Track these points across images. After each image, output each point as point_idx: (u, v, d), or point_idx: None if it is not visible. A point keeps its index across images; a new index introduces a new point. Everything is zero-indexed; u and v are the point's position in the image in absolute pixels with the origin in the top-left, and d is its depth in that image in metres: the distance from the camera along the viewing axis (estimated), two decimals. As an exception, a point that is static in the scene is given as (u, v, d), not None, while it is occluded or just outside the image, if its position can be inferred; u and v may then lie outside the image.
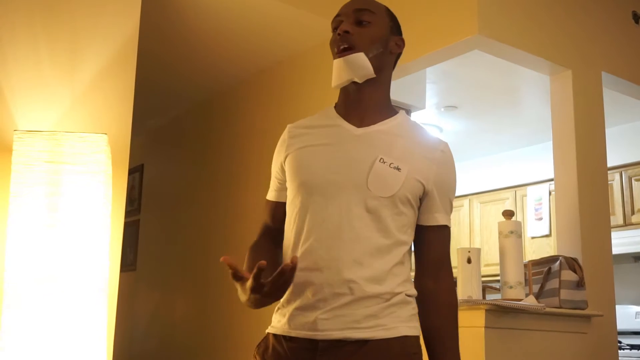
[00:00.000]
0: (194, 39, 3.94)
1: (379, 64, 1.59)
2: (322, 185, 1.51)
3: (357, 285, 1.44)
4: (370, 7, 1.61)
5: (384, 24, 1.62)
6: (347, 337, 1.42)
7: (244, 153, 4.47)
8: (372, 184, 1.49)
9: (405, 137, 1.58)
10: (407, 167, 1.51)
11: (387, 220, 1.48)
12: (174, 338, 5.04)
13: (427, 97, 4.47)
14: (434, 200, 1.55)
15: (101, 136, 2.10)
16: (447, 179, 1.58)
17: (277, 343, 1.51)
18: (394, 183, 1.49)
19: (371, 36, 1.58)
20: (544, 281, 2.92)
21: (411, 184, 1.51)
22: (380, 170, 1.49)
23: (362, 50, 1.56)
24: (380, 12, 1.62)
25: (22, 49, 2.37)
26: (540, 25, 3.40)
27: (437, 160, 1.56)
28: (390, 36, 1.63)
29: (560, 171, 3.45)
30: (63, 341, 1.96)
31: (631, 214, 5.24)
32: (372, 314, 1.44)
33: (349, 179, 1.50)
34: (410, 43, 3.40)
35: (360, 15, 1.58)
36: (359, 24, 1.58)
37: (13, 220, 2.00)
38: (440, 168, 1.56)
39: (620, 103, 4.56)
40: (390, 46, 1.63)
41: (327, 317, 1.43)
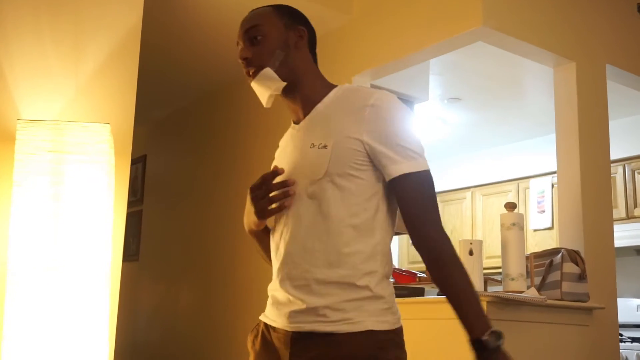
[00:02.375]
0: (198, 30, 3.93)
1: (289, 66, 1.61)
2: None
3: (311, 273, 1.48)
4: (255, 21, 1.63)
5: (276, 27, 1.63)
6: (315, 330, 1.46)
7: (247, 144, 4.47)
8: (306, 170, 1.51)
9: (338, 109, 1.56)
10: (333, 140, 1.48)
11: (330, 202, 1.48)
12: (176, 328, 5.06)
13: (430, 88, 4.46)
14: (380, 156, 1.48)
15: (104, 126, 2.10)
16: (383, 127, 1.49)
17: (266, 330, 1.59)
18: (322, 162, 1.48)
19: (267, 49, 1.60)
20: (545, 273, 2.92)
21: (342, 155, 1.48)
22: (310, 154, 1.51)
23: (264, 65, 1.60)
24: (266, 20, 1.63)
25: (26, 39, 2.37)
26: (545, 17, 3.39)
27: (368, 117, 1.49)
28: (289, 33, 1.63)
29: (563, 164, 3.45)
30: (66, 330, 1.97)
31: (634, 207, 5.24)
32: (339, 308, 1.45)
33: (293, 175, 1.54)
34: (414, 34, 3.42)
35: (250, 34, 1.62)
36: (253, 42, 1.62)
37: (16, 209, 2.00)
38: (373, 122, 1.49)
39: (624, 96, 4.54)
40: (291, 43, 1.63)
41: (298, 310, 1.49)
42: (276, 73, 1.59)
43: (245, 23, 1.65)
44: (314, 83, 1.64)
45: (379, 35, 3.57)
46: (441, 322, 2.71)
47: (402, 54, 3.45)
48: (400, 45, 3.46)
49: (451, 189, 6.52)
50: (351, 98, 1.57)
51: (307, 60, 1.66)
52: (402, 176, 1.48)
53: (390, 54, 3.50)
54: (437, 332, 2.70)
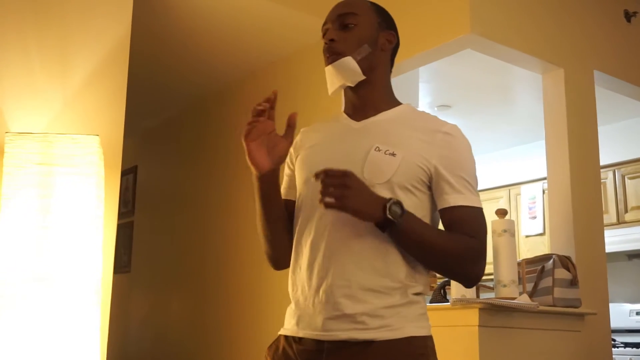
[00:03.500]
0: (187, 40, 3.93)
1: (370, 63, 1.59)
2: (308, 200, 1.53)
3: (355, 279, 1.43)
4: (353, 9, 1.60)
5: (370, 22, 1.61)
6: (352, 338, 1.42)
7: (238, 153, 4.46)
8: (367, 172, 1.47)
9: (406, 124, 1.56)
10: (403, 152, 1.48)
11: None
12: (168, 339, 5.04)
13: (420, 96, 4.46)
14: (443, 183, 1.49)
15: (93, 138, 2.10)
16: (454, 157, 1.51)
17: (287, 345, 1.52)
18: (388, 169, 1.47)
19: (357, 39, 1.58)
20: (537, 280, 2.93)
21: (409, 169, 1.48)
22: (375, 158, 1.49)
23: (349, 54, 1.56)
24: (364, 11, 1.61)
25: (13, 50, 2.36)
26: (533, 23, 3.41)
27: (440, 143, 1.51)
28: (380, 33, 1.62)
29: (553, 170, 3.46)
30: (56, 343, 1.95)
31: (624, 212, 5.26)
32: (378, 315, 1.42)
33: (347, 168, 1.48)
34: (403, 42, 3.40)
35: (343, 19, 1.59)
36: (344, 28, 1.58)
37: (5, 222, 1.99)
38: (445, 149, 1.50)
39: (612, 101, 4.57)
40: (380, 43, 1.62)
41: (333, 318, 1.43)
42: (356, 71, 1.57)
43: (341, 7, 1.62)
44: (384, 90, 1.64)
45: (368, 43, 3.57)
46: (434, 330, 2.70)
47: (392, 62, 3.45)
48: (389, 53, 3.47)
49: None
50: (421, 119, 1.58)
51: (386, 66, 1.66)
52: (455, 207, 1.48)
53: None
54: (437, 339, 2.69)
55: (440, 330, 2.69)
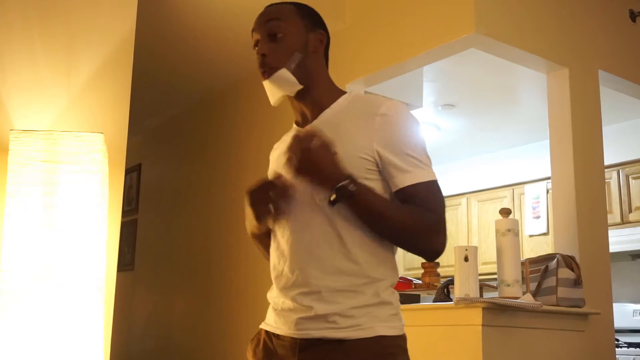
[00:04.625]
0: (192, 38, 3.94)
1: (305, 69, 1.59)
2: None
3: (323, 284, 1.46)
4: (277, 14, 1.60)
5: (297, 28, 1.60)
6: (324, 337, 1.45)
7: (241, 152, 4.47)
8: None
9: (346, 116, 1.56)
10: (343, 148, 1.46)
11: (334, 212, 1.47)
12: (172, 337, 5.04)
13: (424, 95, 4.47)
14: (389, 166, 1.49)
15: (97, 135, 2.10)
16: (394, 136, 1.50)
17: (267, 338, 1.57)
18: None
19: (286, 49, 1.58)
20: (541, 279, 2.92)
21: (353, 163, 1.47)
22: None
23: (282, 66, 1.57)
24: (289, 16, 1.60)
25: (18, 48, 2.36)
26: (537, 23, 3.41)
27: (378, 126, 1.50)
28: (308, 36, 1.61)
29: (557, 169, 3.45)
30: (60, 341, 1.96)
31: (629, 212, 5.25)
32: (349, 315, 1.45)
33: (296, 184, 1.51)
34: (407, 41, 3.42)
35: (270, 28, 1.59)
36: (273, 39, 1.58)
37: (10, 219, 2.00)
38: (383, 131, 1.49)
39: (617, 101, 4.56)
40: (310, 47, 1.61)
41: (306, 318, 1.48)
42: (292, 74, 1.58)
43: (266, 14, 1.62)
44: (325, 88, 1.64)
45: (372, 42, 3.57)
46: (437, 329, 2.71)
47: (396, 61, 3.46)
48: (393, 52, 3.47)
49: (446, 195, 6.48)
50: (361, 106, 1.57)
51: (321, 65, 1.65)
52: (410, 186, 1.48)
53: (384, 61, 3.51)
54: (432, 338, 2.70)
55: (443, 330, 2.70)
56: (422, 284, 3.27)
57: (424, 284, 3.27)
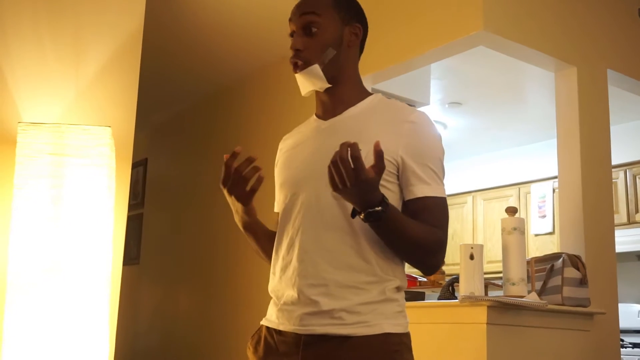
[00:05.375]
0: (199, 34, 3.94)
1: (337, 64, 1.59)
2: (295, 183, 1.57)
3: (331, 278, 1.46)
4: (314, 7, 1.58)
5: (332, 22, 1.58)
6: (329, 333, 1.44)
7: (247, 147, 4.46)
8: None
9: (373, 118, 1.56)
10: (369, 146, 1.43)
11: (350, 208, 1.45)
12: (177, 331, 5.05)
13: (431, 93, 4.46)
14: (409, 173, 1.49)
15: (105, 129, 2.10)
16: (420, 146, 1.51)
17: (268, 335, 1.56)
18: None
19: (321, 44, 1.57)
20: (546, 278, 2.92)
21: None
22: None
23: (314, 61, 1.56)
24: (325, 9, 1.58)
25: (26, 41, 2.37)
26: (546, 21, 3.39)
27: (406, 132, 1.50)
28: (344, 30, 1.60)
29: (564, 168, 3.44)
30: (66, 334, 1.96)
31: (635, 212, 5.23)
32: (355, 311, 1.44)
33: (315, 171, 1.52)
34: (416, 38, 3.42)
35: (305, 21, 1.57)
36: (308, 32, 1.57)
37: (17, 212, 2.00)
38: (411, 138, 1.50)
39: (625, 101, 4.54)
40: (345, 42, 1.60)
41: (310, 314, 1.46)
42: (324, 71, 1.57)
43: (303, 5, 1.61)
44: (353, 85, 1.63)
45: (379, 39, 3.57)
46: (442, 327, 2.71)
47: (404, 58, 3.45)
48: (401, 49, 3.46)
49: (452, 194, 6.51)
50: (389, 110, 1.57)
51: (353, 60, 1.64)
52: (421, 198, 1.49)
53: (392, 58, 3.50)
54: (437, 336, 2.70)
55: (448, 328, 2.70)
56: (427, 282, 3.28)
57: (429, 281, 3.27)
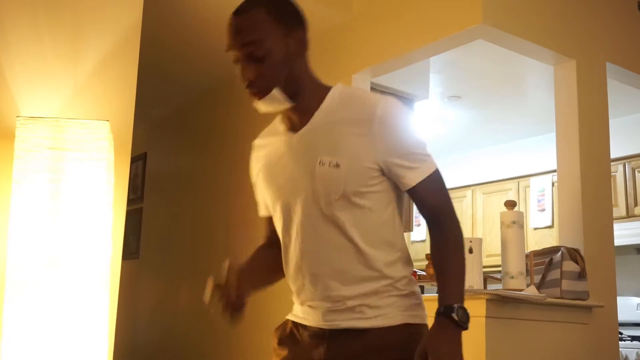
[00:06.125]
0: (198, 28, 3.93)
1: (293, 78, 1.52)
2: (286, 205, 1.55)
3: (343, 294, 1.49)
4: (253, 33, 1.48)
5: (276, 40, 1.49)
6: (351, 326, 1.49)
7: (246, 142, 4.46)
8: (320, 193, 1.48)
9: (341, 121, 1.50)
10: (346, 159, 1.45)
11: (351, 222, 1.48)
12: (176, 326, 5.06)
13: (431, 86, 4.46)
14: (396, 168, 1.49)
15: (104, 123, 2.10)
16: (397, 142, 1.49)
17: (294, 327, 1.60)
18: (337, 183, 1.46)
19: (273, 68, 1.49)
20: (545, 272, 2.92)
21: (357, 175, 1.47)
22: (322, 174, 1.47)
23: (273, 86, 1.49)
24: (265, 29, 1.48)
25: (25, 36, 2.37)
26: (545, 14, 3.39)
27: (378, 134, 1.47)
28: (289, 42, 1.51)
29: (563, 162, 3.44)
30: (65, 329, 1.97)
31: (634, 206, 5.24)
32: (375, 305, 1.49)
33: (301, 191, 1.51)
34: (415, 32, 3.41)
35: (250, 50, 1.48)
36: (255, 59, 1.48)
37: (16, 206, 2.00)
38: (385, 139, 1.47)
39: (624, 94, 4.54)
40: (293, 53, 1.52)
41: (333, 310, 1.50)
42: (283, 91, 1.50)
43: (241, 33, 1.50)
44: (312, 89, 1.56)
45: (379, 33, 3.56)
46: (441, 320, 2.71)
47: (403, 51, 3.44)
48: (400, 42, 3.46)
49: (451, 187, 6.51)
50: (354, 106, 1.52)
51: (306, 66, 1.57)
52: (420, 182, 1.51)
53: (391, 52, 3.50)
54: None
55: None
56: (427, 275, 3.28)
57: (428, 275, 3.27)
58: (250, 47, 1.48)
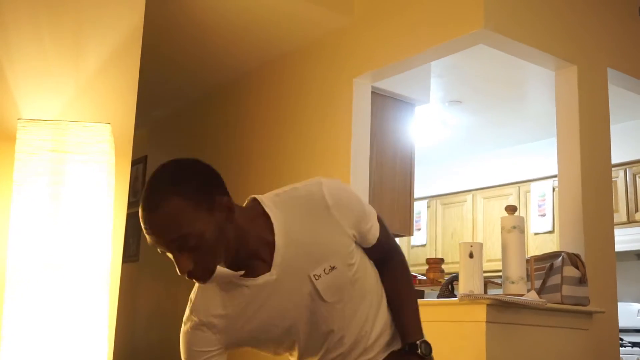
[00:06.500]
0: (198, 31, 3.93)
1: (231, 244, 1.44)
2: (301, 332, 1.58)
3: None
4: (179, 229, 1.37)
5: (203, 222, 1.38)
6: None
7: (246, 146, 4.47)
8: (330, 299, 1.54)
9: (300, 232, 1.49)
10: (335, 257, 1.53)
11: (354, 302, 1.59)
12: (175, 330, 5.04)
13: (431, 91, 4.45)
14: (362, 233, 1.60)
15: (105, 126, 2.10)
16: (353, 215, 1.56)
17: None
18: (343, 282, 1.55)
19: (209, 251, 1.39)
20: (546, 277, 2.92)
21: (350, 260, 1.56)
22: (324, 284, 1.52)
23: (213, 267, 1.40)
24: (187, 218, 1.37)
25: (26, 38, 2.37)
26: (546, 20, 3.39)
27: (338, 216, 1.53)
28: (215, 216, 1.41)
29: (564, 167, 3.44)
30: (65, 330, 1.96)
31: (635, 211, 5.23)
32: None
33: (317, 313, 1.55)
34: (416, 36, 3.41)
35: (179, 245, 1.38)
36: (188, 248, 1.39)
37: (16, 208, 2.00)
38: (345, 217, 1.54)
39: (625, 99, 4.54)
40: (222, 224, 1.42)
41: None
42: (226, 259, 1.42)
43: (167, 232, 1.38)
44: (255, 232, 1.47)
45: (380, 37, 3.56)
46: (441, 325, 2.71)
47: (403, 56, 3.44)
48: (401, 47, 3.46)
49: (452, 192, 6.52)
50: (301, 207, 1.52)
51: (239, 222, 1.45)
52: (379, 234, 1.63)
53: (392, 56, 3.50)
54: (436, 334, 2.68)
55: (447, 326, 2.70)
56: (427, 280, 3.28)
57: (428, 279, 3.27)
58: (180, 241, 1.38)
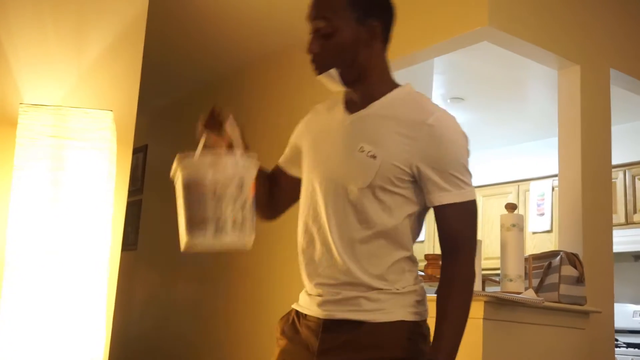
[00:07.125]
0: (202, 21, 3.93)
1: (356, 64, 1.57)
2: (317, 180, 1.58)
3: (350, 273, 1.50)
4: (325, 12, 1.54)
5: (346, 24, 1.54)
6: (347, 318, 1.49)
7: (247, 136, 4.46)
8: (350, 174, 1.51)
9: (393, 117, 1.53)
10: (384, 152, 1.48)
11: (370, 211, 1.50)
12: (170, 318, 5.06)
13: (433, 87, 4.45)
14: (427, 181, 1.50)
15: (106, 113, 2.10)
16: (438, 153, 1.49)
17: (296, 317, 1.62)
18: (368, 173, 1.49)
19: (336, 48, 1.55)
20: (543, 275, 2.92)
21: (388, 171, 1.49)
22: (358, 160, 1.51)
23: (331, 65, 1.55)
24: (338, 12, 1.54)
25: (29, 23, 2.36)
26: (550, 19, 3.39)
27: (424, 138, 1.49)
28: (359, 29, 1.55)
29: (564, 167, 3.44)
30: (62, 316, 1.96)
31: (633, 213, 5.24)
32: (374, 298, 1.49)
33: (334, 171, 1.55)
34: (419, 32, 3.40)
35: (320, 25, 1.54)
36: (322, 34, 1.55)
37: (16, 193, 2.00)
38: (429, 146, 1.49)
39: (626, 101, 4.54)
40: (362, 41, 1.56)
41: (331, 300, 1.51)
42: (342, 73, 1.55)
43: (317, 7, 1.57)
44: (378, 79, 1.60)
45: (384, 32, 3.55)
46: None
47: (406, 51, 3.44)
48: (404, 42, 3.45)
49: (451, 189, 6.52)
50: (410, 108, 1.54)
51: (375, 56, 1.60)
52: (443, 206, 1.50)
53: (394, 51, 3.47)
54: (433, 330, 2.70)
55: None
56: (425, 276, 3.27)
57: (426, 275, 3.27)
58: (320, 22, 1.54)
